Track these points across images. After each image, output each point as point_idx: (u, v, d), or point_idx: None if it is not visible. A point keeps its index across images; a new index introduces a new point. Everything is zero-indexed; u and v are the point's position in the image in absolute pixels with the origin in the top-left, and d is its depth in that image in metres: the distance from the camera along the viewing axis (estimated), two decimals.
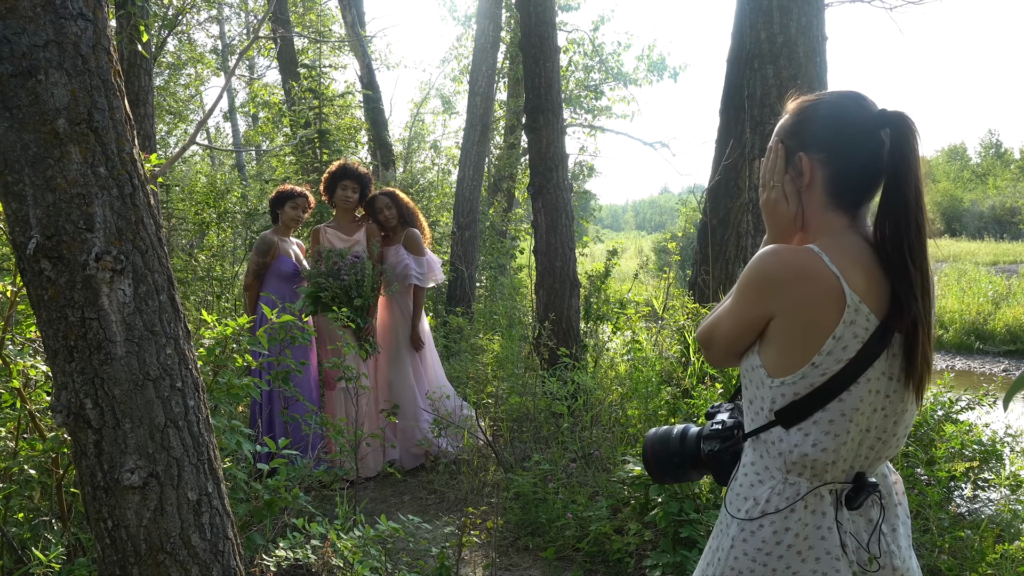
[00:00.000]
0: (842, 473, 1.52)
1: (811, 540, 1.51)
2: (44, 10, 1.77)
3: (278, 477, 3.11)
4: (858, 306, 1.43)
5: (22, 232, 1.84)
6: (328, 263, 5.00)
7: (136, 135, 2.02)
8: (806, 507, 1.51)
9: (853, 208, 1.53)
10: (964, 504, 4.19)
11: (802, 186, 1.56)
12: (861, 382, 1.46)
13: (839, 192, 1.53)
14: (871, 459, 1.55)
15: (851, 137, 1.52)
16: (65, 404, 1.91)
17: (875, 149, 1.49)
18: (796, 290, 1.45)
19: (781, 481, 1.53)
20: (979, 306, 13.27)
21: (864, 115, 1.51)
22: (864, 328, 1.44)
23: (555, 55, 6.91)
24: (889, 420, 1.52)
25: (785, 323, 1.48)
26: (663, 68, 17.05)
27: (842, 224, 1.53)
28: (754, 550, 1.54)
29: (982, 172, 55.21)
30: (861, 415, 1.48)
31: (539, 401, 5.34)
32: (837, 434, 1.48)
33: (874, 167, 1.50)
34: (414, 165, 15.98)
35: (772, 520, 1.52)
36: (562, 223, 6.73)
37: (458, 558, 3.35)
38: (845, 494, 1.52)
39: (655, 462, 1.77)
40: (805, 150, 1.55)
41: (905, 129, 1.47)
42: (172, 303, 2.02)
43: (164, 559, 2.00)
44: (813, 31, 4.13)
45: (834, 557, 1.50)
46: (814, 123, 1.56)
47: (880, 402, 1.50)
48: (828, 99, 1.56)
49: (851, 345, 1.44)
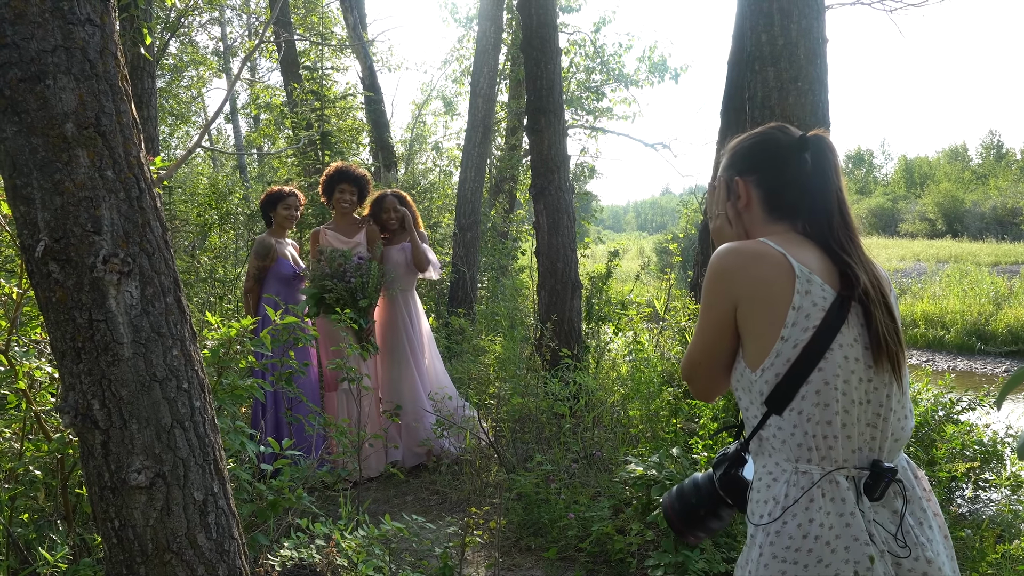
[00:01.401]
0: (852, 454, 1.54)
1: (837, 529, 1.51)
2: (52, 15, 1.79)
3: (282, 478, 3.12)
4: (809, 276, 1.55)
5: (30, 235, 1.86)
6: (332, 265, 5.01)
7: (142, 138, 2.04)
8: (824, 495, 1.52)
9: (789, 219, 1.70)
10: (965, 504, 4.21)
11: (741, 207, 1.75)
12: (834, 348, 1.53)
13: (774, 206, 1.71)
14: (879, 440, 1.58)
15: (777, 158, 1.72)
16: (72, 405, 1.93)
17: (799, 166, 1.68)
18: (750, 271, 1.58)
19: (792, 472, 1.55)
20: (980, 307, 13.29)
21: (787, 139, 1.71)
22: (821, 296, 1.54)
23: (557, 57, 6.93)
24: (881, 393, 1.58)
25: (748, 307, 1.58)
26: (664, 69, 17.06)
27: (783, 230, 1.70)
28: (782, 550, 1.54)
29: (983, 173, 55.24)
30: (846, 383, 1.54)
31: (541, 402, 5.36)
32: (827, 403, 1.53)
33: (800, 181, 1.68)
34: (416, 167, 15.99)
35: (794, 514, 1.53)
36: (564, 224, 6.75)
37: (461, 558, 3.36)
38: (864, 483, 1.54)
39: (682, 521, 1.78)
40: (740, 175, 1.75)
41: (823, 147, 1.68)
42: (178, 305, 2.04)
43: (170, 559, 2.01)
44: (814, 33, 4.14)
45: (863, 543, 1.50)
46: (745, 152, 1.77)
47: (863, 372, 1.56)
48: (757, 132, 1.78)
49: (812, 313, 1.54)
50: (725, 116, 6.03)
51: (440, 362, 5.77)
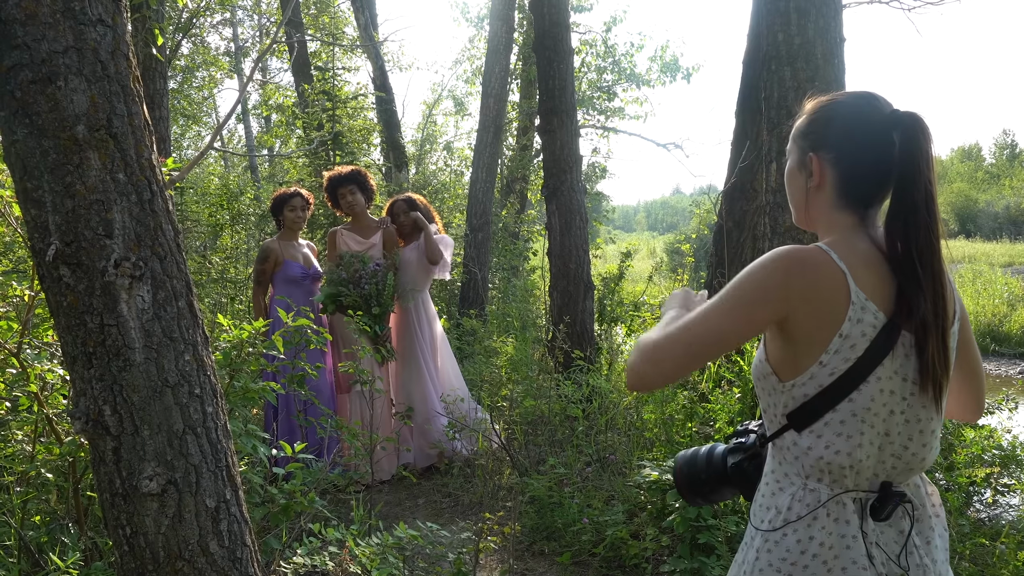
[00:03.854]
0: (865, 481, 1.49)
1: (836, 550, 1.47)
2: (64, 16, 1.76)
3: (294, 481, 3.10)
4: (864, 303, 1.42)
5: (41, 238, 1.84)
6: (349, 270, 4.99)
7: (154, 140, 2.01)
8: (828, 515, 1.48)
9: (862, 208, 1.53)
10: (984, 510, 4.15)
11: (812, 186, 1.57)
12: (871, 381, 1.43)
13: (847, 192, 1.53)
14: (899, 468, 1.50)
15: (861, 138, 1.51)
16: (84, 411, 1.91)
17: (885, 150, 1.47)
18: (804, 287, 1.44)
19: (801, 487, 1.51)
20: (994, 308, 13.16)
21: (876, 116, 1.50)
22: (872, 326, 1.42)
23: (569, 57, 6.90)
24: (911, 426, 1.48)
25: (793, 322, 1.45)
26: (676, 69, 16.98)
27: (850, 223, 1.53)
28: (779, 560, 1.50)
29: (997, 172, 54.85)
30: (875, 416, 1.45)
31: (554, 404, 5.32)
32: (850, 435, 1.46)
33: (883, 168, 1.48)
34: (427, 167, 15.98)
35: (795, 528, 1.49)
36: (576, 225, 6.71)
37: (475, 564, 3.33)
38: (870, 504, 1.48)
39: (685, 484, 1.76)
40: (815, 151, 1.55)
41: (916, 131, 1.45)
42: (190, 309, 2.02)
43: (182, 566, 1.99)
44: (831, 33, 4.09)
45: (860, 567, 1.45)
46: (825, 123, 1.55)
47: (896, 404, 1.46)
48: (841, 100, 1.56)
49: (859, 343, 1.42)
50: (740, 116, 5.97)
51: (453, 364, 5.75)
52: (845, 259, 1.45)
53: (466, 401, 5.47)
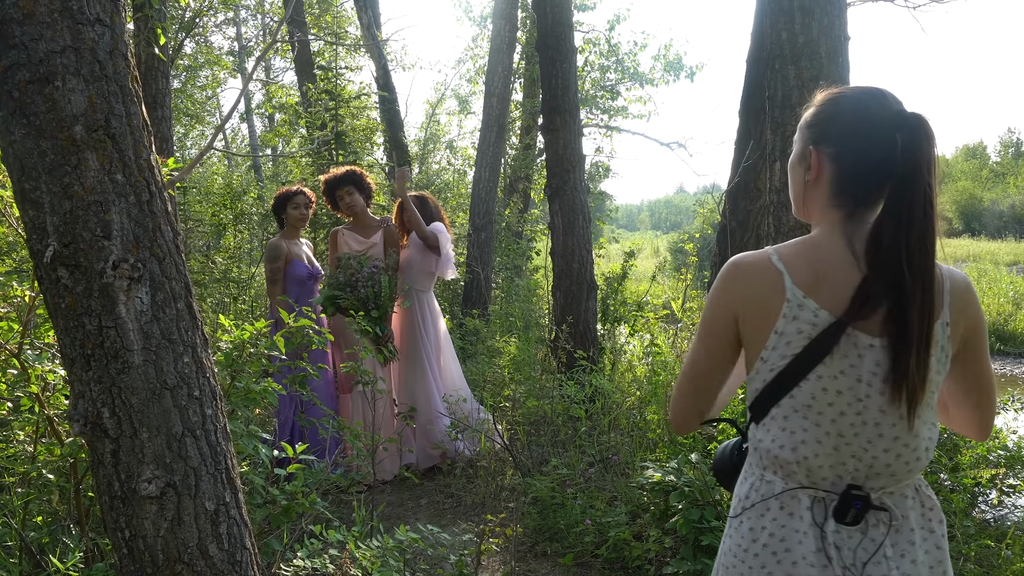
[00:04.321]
0: (823, 480, 1.48)
1: (788, 543, 1.49)
2: (61, 16, 1.75)
3: (295, 482, 3.08)
4: (802, 301, 1.44)
5: (39, 239, 1.83)
6: (346, 273, 4.97)
7: (153, 140, 2.00)
8: (782, 508, 1.52)
9: (853, 206, 1.50)
10: (989, 511, 4.13)
11: (810, 180, 1.56)
12: (811, 379, 1.45)
13: (843, 189, 1.51)
14: (863, 472, 1.47)
15: (863, 136, 1.48)
16: (82, 413, 1.90)
17: (887, 150, 1.43)
18: (744, 288, 1.51)
19: (759, 478, 1.57)
20: (999, 307, 13.11)
21: (880, 114, 1.46)
22: (810, 324, 1.44)
23: (572, 56, 6.88)
24: (870, 429, 1.45)
25: (741, 323, 1.52)
26: (679, 68, 16.97)
27: (836, 219, 1.52)
28: (736, 546, 1.57)
29: (1002, 171, 54.67)
30: (819, 415, 1.46)
31: (556, 405, 5.31)
32: (793, 431, 1.48)
33: (883, 169, 1.45)
34: (430, 166, 15.96)
35: (750, 516, 1.55)
36: (579, 225, 6.70)
37: (477, 565, 3.32)
38: (833, 507, 1.48)
39: (716, 473, 1.83)
40: (816, 144, 1.54)
41: (920, 133, 1.42)
42: (190, 311, 2.00)
43: (182, 570, 1.97)
44: (835, 31, 4.07)
45: (809, 564, 1.46)
46: (829, 118, 1.53)
47: (846, 405, 1.45)
48: (849, 94, 1.52)
49: (795, 341, 1.45)
50: (744, 115, 5.95)
51: (456, 364, 5.73)
52: (792, 258, 1.48)
53: (468, 401, 5.45)
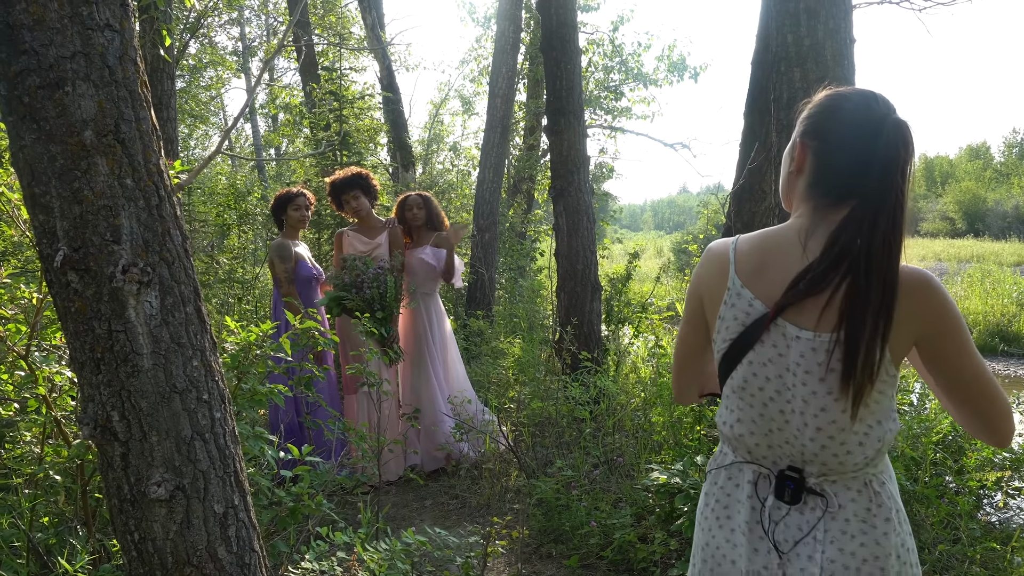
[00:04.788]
0: (763, 458, 1.58)
1: (729, 511, 1.63)
2: (71, 21, 1.76)
3: (301, 484, 3.09)
4: (740, 291, 1.55)
5: (49, 244, 1.83)
6: (352, 274, 4.97)
7: (161, 144, 2.01)
8: (729, 479, 1.65)
9: (824, 199, 1.53)
10: (995, 513, 4.13)
11: (793, 170, 1.62)
12: (744, 363, 1.55)
13: (816, 181, 1.55)
14: (798, 456, 1.53)
15: (844, 133, 1.52)
16: (92, 416, 1.90)
17: (863, 151, 1.47)
18: (705, 271, 1.65)
19: (720, 450, 1.71)
20: (1003, 307, 13.07)
21: (865, 116, 1.50)
22: (745, 312, 1.54)
23: (577, 57, 6.88)
24: (801, 417, 1.50)
25: (704, 303, 1.66)
26: (683, 68, 16.93)
27: (805, 211, 1.56)
28: (699, 507, 1.73)
29: (1006, 171, 54.57)
30: (752, 397, 1.56)
31: (561, 406, 5.31)
32: (731, 410, 1.61)
33: (855, 169, 1.48)
34: (433, 166, 15.97)
35: (707, 482, 1.71)
36: (583, 226, 6.70)
37: (483, 568, 3.32)
38: (774, 484, 1.57)
39: None
40: (803, 137, 1.59)
41: (897, 140, 1.45)
42: (198, 315, 2.01)
43: (191, 572, 1.98)
44: (841, 33, 4.06)
45: (742, 532, 1.57)
46: (818, 113, 1.58)
47: (776, 391, 1.53)
48: (844, 94, 1.56)
49: (732, 327, 1.56)
50: (749, 117, 5.93)
51: (461, 366, 5.74)
52: (745, 247, 1.58)
53: (473, 403, 5.46)
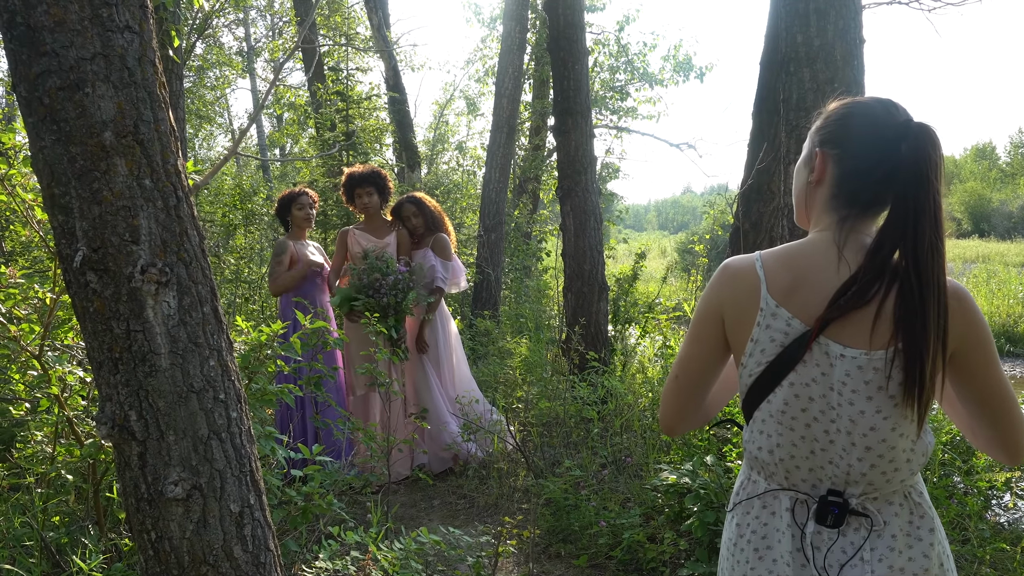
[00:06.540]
0: (802, 482, 1.52)
1: (768, 541, 1.55)
2: (92, 23, 1.77)
3: (312, 483, 3.10)
4: (775, 310, 1.46)
5: (68, 244, 1.84)
6: (371, 276, 4.93)
7: (179, 145, 2.02)
8: (764, 507, 1.57)
9: (848, 209, 1.50)
10: (1004, 514, 4.13)
11: (812, 181, 1.56)
12: (784, 386, 1.48)
13: (840, 191, 1.51)
14: (841, 478, 1.48)
15: (866, 140, 1.49)
16: (110, 416, 1.91)
17: (888, 156, 1.43)
18: (729, 290, 1.53)
19: (747, 477, 1.62)
20: (1009, 308, 13.04)
21: (888, 121, 1.46)
22: (783, 332, 1.46)
23: (584, 57, 6.88)
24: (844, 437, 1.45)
25: (727, 328, 1.55)
26: (689, 68, 16.92)
27: (831, 223, 1.52)
28: (727, 540, 1.64)
29: (1012, 172, 54.44)
30: (793, 420, 1.49)
31: (568, 406, 5.31)
32: (769, 435, 1.53)
33: (883, 175, 1.45)
34: (439, 166, 15.98)
35: (738, 513, 1.61)
36: (590, 226, 6.70)
37: (494, 567, 3.33)
38: (814, 509, 1.51)
39: None
40: (822, 146, 1.55)
41: (925, 140, 1.41)
42: (215, 315, 2.02)
43: (207, 571, 1.99)
44: (850, 34, 4.06)
45: (786, 562, 1.51)
46: (837, 122, 1.54)
47: (819, 412, 1.46)
48: (861, 102, 1.53)
49: (768, 348, 1.48)
50: (757, 118, 5.94)
51: (466, 366, 5.73)
52: (773, 264, 1.50)
53: (480, 403, 5.46)
